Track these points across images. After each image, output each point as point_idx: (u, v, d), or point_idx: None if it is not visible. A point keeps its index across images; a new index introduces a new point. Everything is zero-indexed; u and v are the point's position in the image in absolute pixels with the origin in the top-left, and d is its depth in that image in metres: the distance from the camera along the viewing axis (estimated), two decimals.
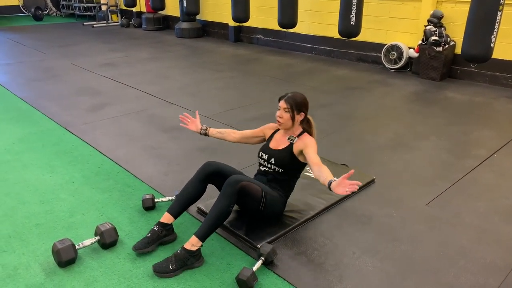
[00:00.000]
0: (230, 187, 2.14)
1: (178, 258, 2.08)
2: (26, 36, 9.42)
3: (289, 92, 2.41)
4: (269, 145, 2.50)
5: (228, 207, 2.13)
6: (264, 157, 2.46)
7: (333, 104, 4.81)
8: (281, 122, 2.38)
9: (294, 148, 2.37)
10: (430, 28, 5.69)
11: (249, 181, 2.23)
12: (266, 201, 2.30)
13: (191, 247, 2.10)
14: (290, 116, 2.35)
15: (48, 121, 4.16)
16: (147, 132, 3.90)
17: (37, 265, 2.15)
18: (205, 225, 2.13)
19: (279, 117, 2.37)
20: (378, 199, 2.78)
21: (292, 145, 2.38)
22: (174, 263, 2.06)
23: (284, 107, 2.35)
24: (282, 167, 2.39)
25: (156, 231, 2.24)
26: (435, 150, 3.56)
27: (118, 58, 7.21)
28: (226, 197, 2.14)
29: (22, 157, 3.37)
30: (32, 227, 2.46)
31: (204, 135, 2.69)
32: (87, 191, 2.86)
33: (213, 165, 2.38)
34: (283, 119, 2.36)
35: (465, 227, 2.49)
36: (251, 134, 2.67)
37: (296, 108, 2.35)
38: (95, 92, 5.17)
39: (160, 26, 10.50)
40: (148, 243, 2.20)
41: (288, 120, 2.36)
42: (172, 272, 2.05)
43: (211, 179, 2.39)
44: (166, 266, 2.05)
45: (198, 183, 2.36)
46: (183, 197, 2.34)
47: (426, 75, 5.84)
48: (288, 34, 7.87)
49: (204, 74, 6.14)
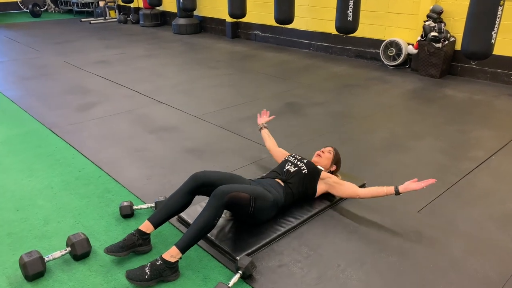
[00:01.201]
0: (217, 200, 2.05)
1: (154, 268, 1.97)
2: (22, 33, 9.32)
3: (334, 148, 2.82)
4: None
5: (213, 220, 2.04)
6: (297, 156, 2.67)
7: (329, 102, 4.67)
8: (321, 157, 2.72)
9: (322, 173, 2.60)
10: (429, 24, 5.52)
11: (236, 190, 2.13)
12: (255, 205, 2.21)
13: (170, 258, 1.99)
14: (330, 158, 2.73)
15: (34, 122, 4.05)
16: (133, 133, 3.78)
17: (4, 278, 2.05)
18: (187, 236, 2.02)
19: (322, 152, 2.75)
20: (367, 205, 2.65)
21: (322, 170, 2.64)
22: (149, 272, 1.95)
23: (330, 150, 2.77)
24: (308, 170, 2.55)
25: (132, 238, 2.14)
26: (431, 151, 3.42)
27: (112, 55, 7.09)
28: (212, 209, 2.04)
29: (2, 160, 3.27)
30: (4, 236, 2.36)
31: (259, 129, 3.13)
32: (65, 197, 2.76)
33: (201, 178, 2.28)
34: (324, 155, 2.73)
35: (458, 236, 2.36)
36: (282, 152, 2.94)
37: (335, 159, 2.76)
38: (85, 91, 5.06)
39: (157, 22, 10.37)
40: (121, 247, 2.09)
41: (326, 160, 2.71)
42: (146, 282, 1.93)
43: (199, 191, 2.30)
44: (141, 274, 1.94)
45: (184, 195, 2.26)
46: (166, 208, 2.23)
47: (426, 72, 5.68)
48: (285, 30, 7.71)
49: (199, 72, 6.01)
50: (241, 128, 3.84)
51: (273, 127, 3.87)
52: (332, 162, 2.73)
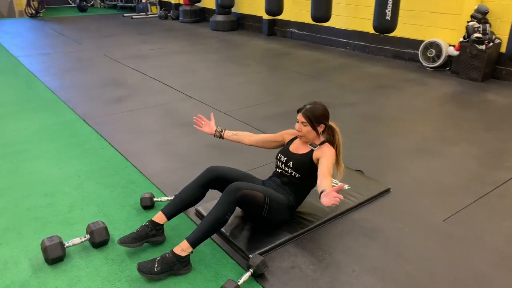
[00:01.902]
0: (229, 196, 2.05)
1: (165, 261, 1.99)
2: (67, 27, 9.73)
3: (308, 104, 2.32)
4: (289, 148, 2.41)
5: (225, 215, 2.03)
6: (283, 159, 2.37)
7: (359, 103, 4.56)
8: (302, 135, 2.33)
9: (314, 155, 2.29)
10: (473, 25, 5.26)
11: (250, 188, 2.11)
12: (269, 207, 2.19)
13: (180, 252, 2.01)
14: (309, 129, 2.29)
15: (69, 112, 4.22)
16: (161, 127, 3.86)
17: (27, 260, 2.14)
18: (199, 231, 2.03)
19: (298, 130, 2.32)
20: (390, 211, 2.57)
21: (313, 151, 2.31)
22: (159, 265, 1.97)
23: (302, 120, 2.29)
24: (299, 172, 2.31)
25: (145, 229, 2.17)
26: (464, 158, 3.26)
27: (150, 50, 7.26)
28: (224, 205, 2.04)
29: (36, 148, 3.42)
30: (31, 220, 2.47)
31: (219, 137, 2.63)
32: (91, 185, 2.85)
33: (216, 171, 2.29)
34: (303, 132, 2.30)
35: (484, 249, 2.24)
36: (270, 138, 2.59)
37: (315, 121, 2.28)
38: (120, 84, 5.21)
39: (196, 19, 10.51)
40: (135, 239, 2.13)
41: (309, 133, 2.30)
42: (156, 275, 1.96)
43: (212, 185, 2.30)
44: (151, 267, 1.97)
45: (198, 188, 2.27)
46: (180, 200, 2.26)
47: (466, 75, 5.42)
48: (322, 28, 7.60)
49: (231, 69, 6.04)
50: (266, 126, 3.82)
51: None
52: (314, 128, 2.28)
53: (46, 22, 10.56)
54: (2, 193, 2.75)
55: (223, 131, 2.63)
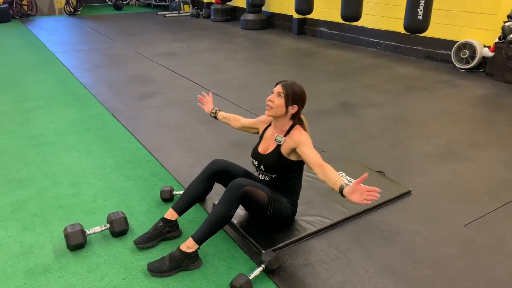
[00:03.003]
0: (232, 191, 2.03)
1: (173, 259, 2.01)
2: (103, 25, 10.05)
3: (290, 80, 2.18)
4: (257, 149, 2.30)
5: (229, 211, 2.02)
6: (255, 163, 2.29)
7: (386, 104, 4.48)
8: (271, 107, 2.11)
9: (282, 149, 2.15)
10: (509, 25, 5.06)
11: (254, 185, 2.08)
12: (273, 208, 2.16)
13: (186, 249, 2.02)
14: (282, 103, 2.09)
15: (99, 107, 4.37)
16: (185, 123, 3.93)
17: (51, 245, 2.24)
18: (203, 228, 2.03)
19: (270, 101, 2.11)
20: (409, 213, 2.52)
21: (280, 146, 2.16)
22: (168, 263, 2.01)
23: (279, 91, 2.10)
24: (273, 172, 2.21)
25: (158, 227, 2.22)
26: (492, 163, 3.15)
27: (179, 48, 7.40)
28: (227, 201, 2.02)
29: (67, 139, 3.57)
30: (57, 208, 2.58)
31: (214, 117, 2.63)
32: (115, 177, 2.94)
33: (219, 164, 2.30)
34: (274, 104, 2.10)
35: (506, 256, 2.16)
36: (249, 124, 2.49)
37: (291, 97, 2.10)
38: (148, 80, 5.34)
39: (227, 17, 10.61)
40: (149, 238, 2.19)
41: (279, 107, 2.10)
42: (166, 272, 2.00)
43: (217, 178, 2.31)
44: (160, 266, 2.00)
45: (204, 181, 2.29)
46: (188, 195, 2.28)
47: (502, 77, 5.22)
48: (352, 27, 7.51)
49: (258, 67, 6.07)
50: None
51: (322, 125, 3.81)
52: (287, 104, 2.10)
53: (83, 19, 10.94)
54: (33, 181, 2.89)
55: (217, 112, 2.60)
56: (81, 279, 2.00)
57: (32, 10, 11.30)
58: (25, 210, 2.56)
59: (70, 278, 2.01)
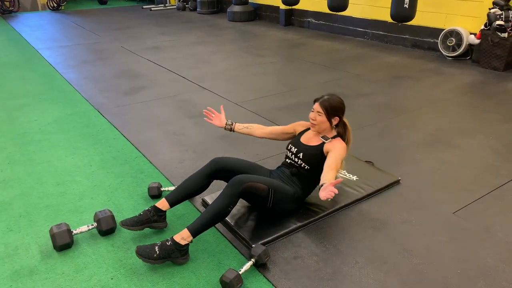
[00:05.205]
0: (233, 188, 2.06)
1: (164, 247, 2.00)
2: (87, 20, 9.88)
3: (326, 95, 2.34)
4: (300, 139, 2.40)
5: (227, 207, 2.04)
6: (293, 150, 2.37)
7: (375, 93, 4.48)
8: (315, 125, 2.31)
9: (325, 148, 2.29)
10: (495, 12, 5.07)
11: (254, 180, 2.12)
12: (273, 198, 2.19)
13: (180, 240, 2.02)
14: (324, 120, 2.29)
15: (85, 103, 4.30)
16: (173, 118, 3.89)
17: (37, 246, 2.20)
18: (200, 221, 2.04)
19: (312, 119, 2.31)
20: (399, 202, 2.52)
21: (324, 144, 2.31)
22: (158, 251, 1.98)
23: (318, 110, 2.29)
24: (308, 164, 2.31)
25: (147, 214, 2.21)
26: (480, 150, 3.17)
27: (166, 41, 7.31)
28: (227, 197, 2.05)
29: (52, 137, 3.51)
30: (42, 208, 2.53)
31: (229, 130, 2.62)
32: (102, 175, 2.90)
33: (221, 162, 2.30)
34: (317, 121, 2.30)
35: (494, 242, 2.17)
36: (281, 130, 2.59)
37: (331, 112, 2.28)
38: (135, 75, 5.27)
39: (214, 10, 10.50)
40: (136, 222, 2.17)
41: (322, 124, 2.30)
42: (153, 260, 1.97)
43: (217, 176, 2.32)
44: (150, 252, 1.98)
45: (203, 178, 2.30)
46: (183, 188, 2.29)
47: (488, 64, 5.25)
48: (339, 17, 7.48)
49: (246, 59, 6.02)
50: (278, 117, 3.80)
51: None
52: (329, 119, 2.29)
53: (67, 15, 10.75)
54: (17, 181, 2.84)
55: (234, 124, 2.62)
56: (69, 279, 1.97)
57: (14, 6, 11.06)
58: (10, 211, 2.51)
59: (58, 279, 1.98)
